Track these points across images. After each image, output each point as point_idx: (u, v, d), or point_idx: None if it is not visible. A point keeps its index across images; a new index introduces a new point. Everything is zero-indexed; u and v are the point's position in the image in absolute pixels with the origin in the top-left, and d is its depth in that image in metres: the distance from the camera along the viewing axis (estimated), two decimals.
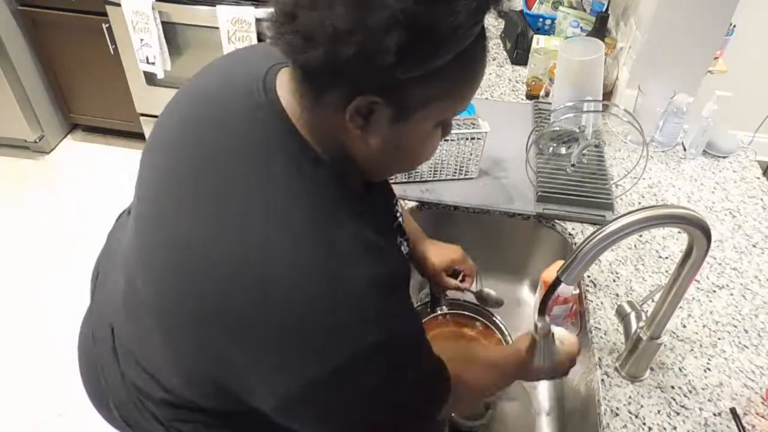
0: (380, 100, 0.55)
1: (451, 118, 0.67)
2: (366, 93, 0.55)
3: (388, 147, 0.61)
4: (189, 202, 0.62)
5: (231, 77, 0.68)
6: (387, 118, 0.58)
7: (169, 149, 0.68)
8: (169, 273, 0.62)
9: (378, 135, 0.60)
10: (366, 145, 0.61)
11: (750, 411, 0.91)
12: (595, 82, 1.35)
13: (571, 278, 0.73)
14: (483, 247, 1.35)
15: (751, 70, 2.55)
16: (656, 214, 0.70)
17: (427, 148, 0.66)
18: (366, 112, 0.57)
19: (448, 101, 0.60)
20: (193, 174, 0.63)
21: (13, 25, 2.45)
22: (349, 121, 0.57)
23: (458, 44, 0.54)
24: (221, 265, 0.57)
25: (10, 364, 1.95)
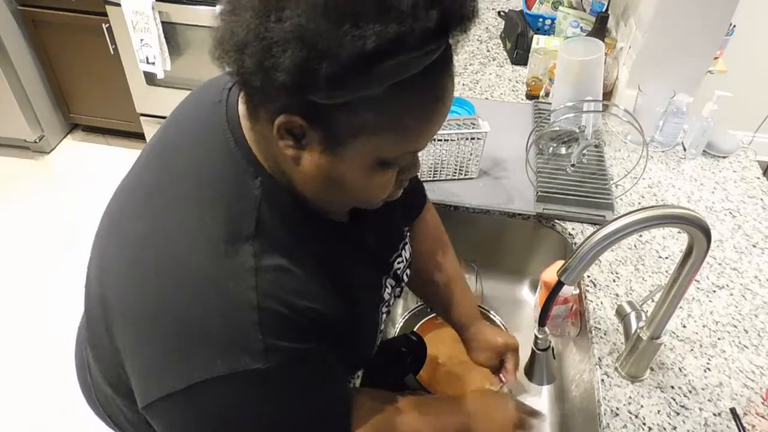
0: (303, 122, 0.52)
1: (410, 157, 0.61)
2: (286, 112, 0.52)
3: (323, 176, 0.57)
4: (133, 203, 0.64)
5: (207, 89, 0.68)
6: (318, 143, 0.54)
7: (139, 162, 0.69)
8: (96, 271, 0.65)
9: (310, 160, 0.55)
10: (301, 168, 0.57)
11: (750, 411, 0.91)
12: (595, 82, 1.35)
13: (571, 278, 0.73)
14: (483, 247, 1.35)
15: (751, 70, 2.55)
16: (656, 214, 0.70)
17: (373, 187, 0.60)
18: (298, 133, 0.53)
19: (389, 136, 0.54)
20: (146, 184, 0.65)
21: (13, 25, 2.45)
22: (279, 138, 0.54)
23: (385, 75, 0.48)
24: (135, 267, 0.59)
25: (10, 364, 1.95)
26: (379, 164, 0.57)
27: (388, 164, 0.58)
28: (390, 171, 0.59)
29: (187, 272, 0.56)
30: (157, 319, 0.56)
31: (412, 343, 1.03)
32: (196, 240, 0.57)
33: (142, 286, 0.58)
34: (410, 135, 0.56)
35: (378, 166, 0.57)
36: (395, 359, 1.01)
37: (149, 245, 0.59)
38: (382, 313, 0.81)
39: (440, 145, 1.26)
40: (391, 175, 0.60)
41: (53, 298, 2.15)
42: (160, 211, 0.60)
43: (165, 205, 0.60)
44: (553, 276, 1.01)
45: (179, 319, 0.55)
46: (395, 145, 0.55)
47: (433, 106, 0.55)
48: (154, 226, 0.59)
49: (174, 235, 0.58)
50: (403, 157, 0.59)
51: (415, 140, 0.57)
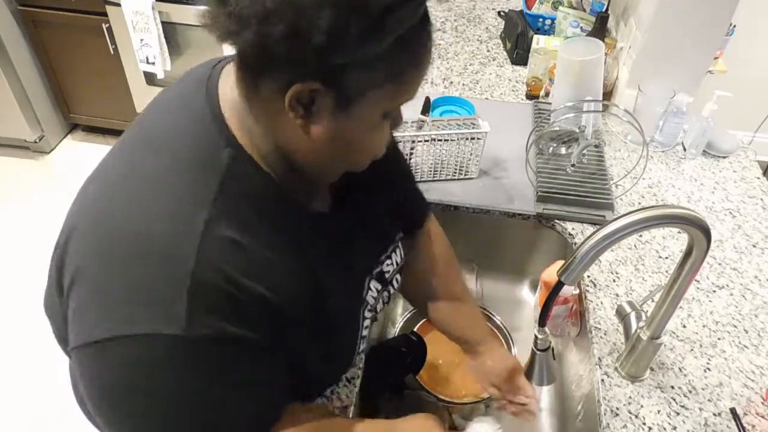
0: (319, 86, 0.53)
1: (398, 109, 0.64)
2: (303, 79, 0.53)
3: (333, 139, 0.59)
4: (108, 165, 0.67)
5: (190, 74, 0.69)
6: (329, 107, 0.56)
7: (124, 134, 0.71)
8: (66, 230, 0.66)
9: (321, 125, 0.57)
10: (309, 137, 0.58)
11: (750, 411, 0.91)
12: (595, 82, 1.35)
13: (571, 278, 0.73)
14: (483, 247, 1.35)
15: (751, 70, 2.55)
16: (656, 214, 0.70)
17: (375, 142, 0.63)
18: (307, 101, 0.55)
19: (392, 89, 0.58)
20: (122, 154, 0.67)
21: (13, 25, 2.45)
22: (289, 109, 0.55)
23: (397, 27, 0.52)
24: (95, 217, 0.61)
25: (11, 364, 1.95)
26: (381, 119, 0.60)
27: (387, 116, 0.61)
28: (387, 123, 0.63)
29: (139, 227, 0.56)
30: (101, 269, 0.57)
31: (412, 343, 1.03)
32: (156, 197, 0.58)
33: (97, 235, 0.59)
34: (408, 84, 0.59)
35: (381, 120, 0.60)
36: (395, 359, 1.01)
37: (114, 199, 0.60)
38: (364, 317, 0.79)
39: (440, 145, 1.26)
40: (388, 127, 0.64)
41: None
42: (129, 169, 0.62)
43: (134, 163, 0.62)
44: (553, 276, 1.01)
45: (119, 273, 0.55)
46: (396, 97, 0.59)
47: (425, 55, 0.59)
48: (121, 183, 0.61)
49: (138, 189, 0.59)
50: (397, 109, 0.63)
51: (412, 89, 0.61)
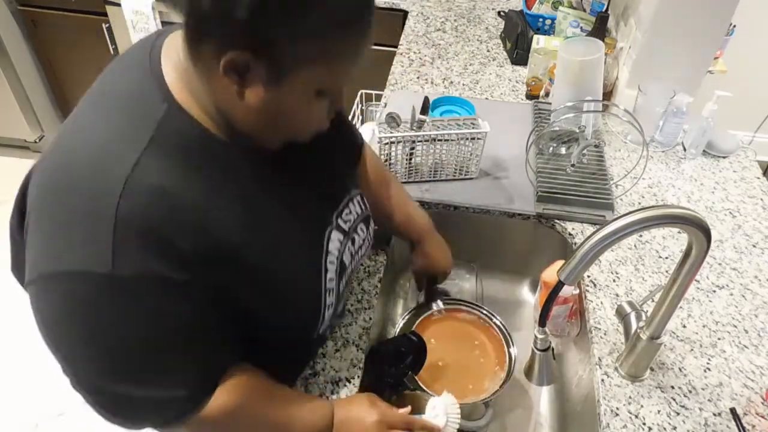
0: (249, 56, 0.55)
1: (340, 89, 0.66)
2: (235, 48, 0.55)
3: (267, 109, 0.61)
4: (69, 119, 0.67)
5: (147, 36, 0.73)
6: (262, 77, 0.57)
7: None
8: None
9: (254, 94, 0.59)
10: (244, 105, 0.60)
11: (750, 411, 0.91)
12: (595, 82, 1.35)
13: (571, 278, 0.73)
14: (483, 247, 1.35)
15: (751, 70, 2.55)
16: (656, 214, 0.70)
17: (311, 117, 0.65)
18: (241, 69, 0.57)
19: (325, 67, 0.59)
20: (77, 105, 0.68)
21: (13, 25, 2.45)
22: (224, 75, 0.57)
23: (326, 5, 0.54)
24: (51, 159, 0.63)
25: (11, 364, 1.95)
26: (317, 94, 0.62)
27: (323, 94, 0.62)
28: (324, 101, 0.64)
29: (74, 161, 0.59)
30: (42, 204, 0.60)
31: (412, 343, 1.03)
32: (92, 137, 0.61)
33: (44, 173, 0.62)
34: (344, 63, 0.61)
35: (316, 95, 0.62)
36: (395, 359, 1.01)
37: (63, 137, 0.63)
38: (326, 269, 0.79)
39: (440, 145, 1.26)
40: (326, 104, 0.65)
41: None
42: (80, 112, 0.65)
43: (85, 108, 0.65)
44: (553, 276, 1.01)
45: (56, 208, 0.59)
46: (331, 74, 0.61)
47: (364, 38, 0.61)
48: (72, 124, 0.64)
49: (80, 128, 0.63)
50: (335, 87, 0.64)
51: (347, 69, 0.62)
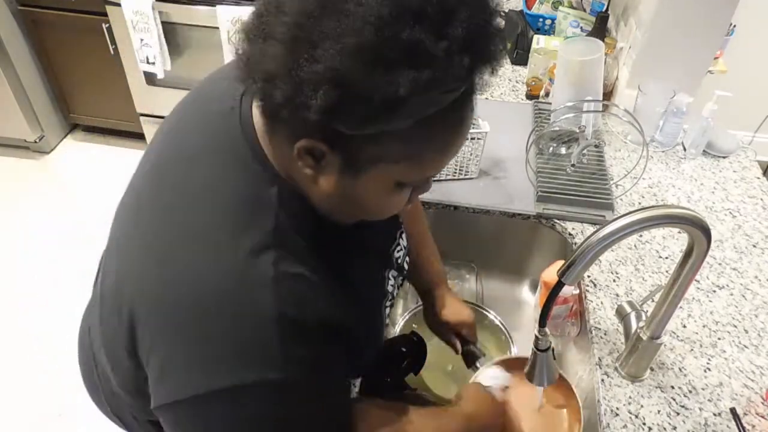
0: (325, 147, 0.53)
1: (421, 181, 0.62)
2: (310, 136, 0.52)
3: (341, 195, 0.58)
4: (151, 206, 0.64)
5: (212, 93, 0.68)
6: (337, 166, 0.55)
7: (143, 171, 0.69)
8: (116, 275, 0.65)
9: (329, 180, 0.57)
10: (317, 186, 0.58)
11: (750, 411, 0.91)
12: (595, 82, 1.35)
13: (571, 278, 0.73)
14: (483, 247, 1.35)
15: (751, 70, 2.55)
16: (656, 214, 0.70)
17: (388, 205, 0.62)
18: (317, 155, 0.54)
19: (407, 165, 0.56)
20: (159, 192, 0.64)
21: (13, 25, 2.45)
22: (298, 159, 0.55)
23: (412, 113, 0.50)
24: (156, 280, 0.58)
25: (10, 364, 1.95)
26: (397, 186, 0.59)
27: (404, 185, 0.60)
28: (405, 191, 0.61)
29: (208, 286, 0.56)
30: (179, 330, 0.56)
31: (412, 343, 1.03)
32: (217, 252, 0.57)
33: (165, 300, 0.58)
34: (430, 163, 0.58)
35: (395, 187, 0.59)
36: (395, 359, 1.01)
37: (171, 259, 0.58)
38: (385, 308, 0.82)
39: None
40: (406, 194, 0.62)
41: (53, 297, 2.15)
42: (178, 224, 0.60)
43: (183, 217, 0.60)
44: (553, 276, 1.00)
45: (199, 330, 0.55)
46: (414, 172, 0.57)
47: (454, 138, 0.57)
48: (173, 241, 0.59)
49: (194, 248, 0.58)
50: (418, 181, 0.61)
51: (433, 167, 0.59)
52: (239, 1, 2.15)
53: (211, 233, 0.58)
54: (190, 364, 0.56)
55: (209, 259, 0.57)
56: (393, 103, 0.48)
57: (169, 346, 0.57)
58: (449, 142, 0.57)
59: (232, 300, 0.55)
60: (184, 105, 0.72)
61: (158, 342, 0.58)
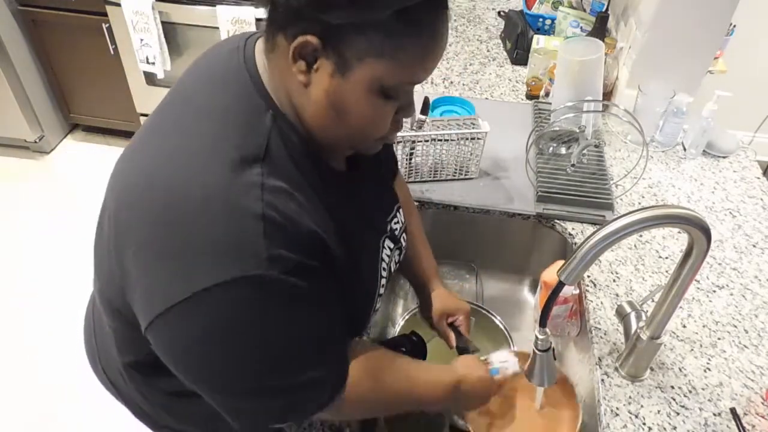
0: (317, 41, 0.56)
1: (407, 93, 0.66)
2: (304, 33, 0.56)
3: (331, 102, 0.61)
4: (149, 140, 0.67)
5: (217, 49, 0.72)
6: (328, 68, 0.59)
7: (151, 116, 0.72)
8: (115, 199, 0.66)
9: (320, 85, 0.60)
10: (309, 96, 0.61)
11: (750, 411, 0.91)
12: (595, 82, 1.35)
13: (571, 278, 0.73)
14: (483, 247, 1.35)
15: (751, 70, 2.55)
16: (656, 214, 0.70)
17: (375, 119, 0.64)
18: (310, 58, 0.58)
19: (388, 62, 0.59)
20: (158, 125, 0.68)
21: (13, 25, 2.45)
22: (293, 61, 0.59)
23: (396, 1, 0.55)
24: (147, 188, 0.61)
25: (10, 364, 1.95)
26: (380, 92, 0.61)
27: (388, 96, 0.62)
28: (389, 104, 0.64)
29: (196, 188, 0.58)
30: (164, 235, 0.58)
31: (412, 343, 1.03)
32: (208, 161, 0.60)
33: (153, 205, 0.60)
34: (410, 64, 0.60)
35: (379, 94, 0.61)
36: None
37: (164, 168, 0.61)
38: (381, 275, 0.82)
39: (440, 145, 1.26)
40: (390, 109, 0.65)
41: (53, 297, 2.15)
42: (177, 140, 0.63)
43: (182, 134, 0.63)
44: (553, 276, 1.01)
45: (184, 231, 0.57)
46: (396, 73, 0.60)
47: (431, 39, 0.60)
48: (170, 153, 0.62)
49: (187, 158, 0.61)
50: (402, 93, 0.64)
51: (414, 71, 0.62)
52: (239, 1, 2.15)
53: (202, 149, 0.61)
54: (174, 271, 0.57)
55: (198, 168, 0.59)
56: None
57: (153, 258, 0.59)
58: (426, 45, 0.60)
59: (216, 201, 0.57)
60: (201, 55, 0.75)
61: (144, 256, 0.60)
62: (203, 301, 0.56)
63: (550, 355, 0.84)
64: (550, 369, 0.85)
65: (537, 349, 0.83)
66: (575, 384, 0.96)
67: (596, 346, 1.00)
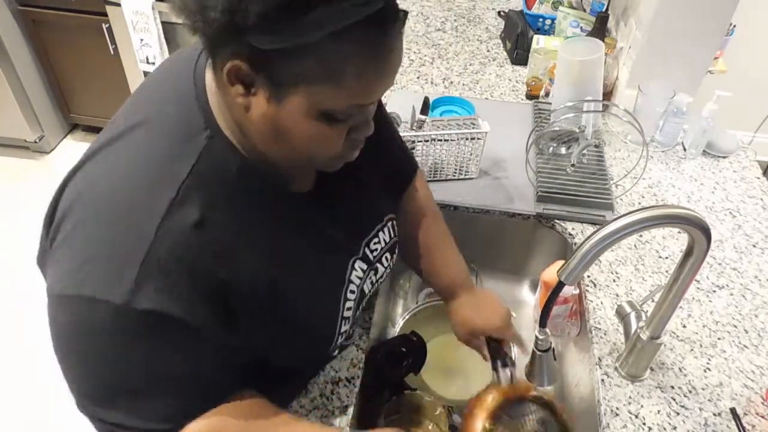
0: (247, 67, 0.53)
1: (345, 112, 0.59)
2: (237, 58, 0.53)
3: (270, 126, 0.58)
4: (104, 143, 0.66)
5: (181, 54, 0.72)
6: (265, 93, 0.56)
7: (121, 108, 0.72)
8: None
9: (258, 109, 0.57)
10: (250, 119, 0.59)
11: (750, 411, 0.91)
12: (595, 82, 1.35)
13: (571, 278, 0.73)
14: (483, 247, 1.35)
15: (751, 70, 2.55)
16: (656, 214, 0.70)
17: (318, 141, 0.60)
18: (247, 81, 0.55)
19: (329, 88, 0.55)
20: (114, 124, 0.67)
21: (13, 25, 2.45)
22: (229, 85, 0.56)
23: (321, 23, 0.50)
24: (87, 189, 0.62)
25: (10, 364, 1.95)
26: (323, 116, 0.57)
27: (333, 118, 0.58)
28: (337, 127, 0.60)
29: (114, 192, 0.59)
30: (76, 225, 0.60)
31: (412, 343, 1.03)
32: (135, 167, 0.60)
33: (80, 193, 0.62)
34: (351, 87, 0.55)
35: (322, 118, 0.57)
36: (395, 359, 1.01)
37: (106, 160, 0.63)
38: (347, 298, 0.79)
39: (440, 145, 1.26)
40: (339, 131, 0.60)
41: None
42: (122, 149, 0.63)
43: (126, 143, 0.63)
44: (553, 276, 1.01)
45: (86, 231, 0.59)
46: (336, 97, 0.56)
47: (374, 61, 0.55)
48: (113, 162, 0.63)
49: (123, 156, 0.62)
50: (352, 113, 0.60)
51: (357, 93, 0.57)
52: None
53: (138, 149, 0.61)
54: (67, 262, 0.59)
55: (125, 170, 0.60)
56: (295, 10, 0.49)
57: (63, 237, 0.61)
58: (369, 66, 0.55)
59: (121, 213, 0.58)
60: (161, 64, 0.75)
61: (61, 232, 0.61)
62: (66, 303, 0.59)
63: (550, 356, 0.84)
64: (550, 369, 0.85)
65: (537, 350, 0.83)
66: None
67: (596, 346, 1.00)
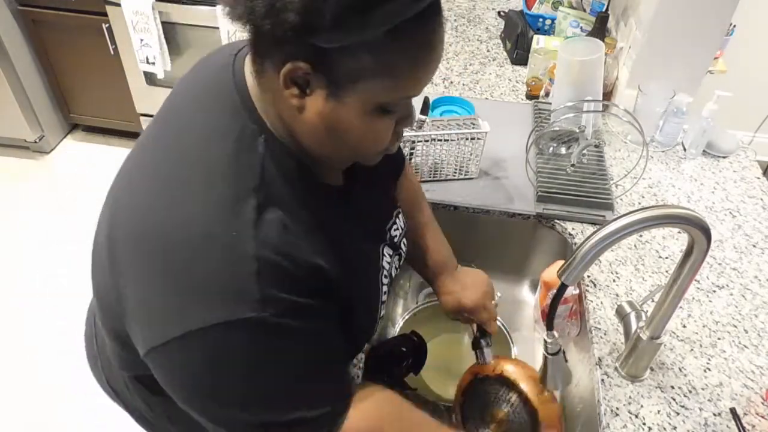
0: (307, 67, 0.55)
1: (406, 105, 0.64)
2: (294, 59, 0.55)
3: (328, 124, 0.60)
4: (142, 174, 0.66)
5: (209, 62, 0.72)
6: (322, 92, 0.57)
7: (148, 130, 0.72)
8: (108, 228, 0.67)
9: (314, 108, 0.59)
10: (304, 120, 0.60)
11: (750, 411, 0.91)
12: (595, 82, 1.35)
13: (572, 278, 0.73)
14: (483, 247, 1.35)
15: (751, 70, 2.55)
16: (656, 214, 0.70)
17: (375, 136, 0.63)
18: (302, 82, 0.57)
19: (386, 81, 0.58)
20: (153, 149, 0.67)
21: (13, 25, 2.45)
22: (284, 87, 0.57)
23: (382, 20, 0.53)
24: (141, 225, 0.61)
25: (10, 364, 1.95)
26: (378, 110, 0.60)
27: (386, 111, 0.61)
28: (388, 118, 0.62)
29: (194, 231, 0.58)
30: (163, 274, 0.59)
31: (412, 343, 1.03)
32: (204, 198, 0.59)
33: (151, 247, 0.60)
34: (405, 80, 0.59)
35: (377, 112, 0.60)
36: (395, 359, 1.01)
37: (158, 206, 0.61)
38: (383, 284, 0.81)
39: (440, 145, 1.26)
40: (389, 123, 0.63)
41: (53, 297, 2.15)
42: (169, 172, 0.63)
43: (175, 164, 0.63)
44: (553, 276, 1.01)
45: (182, 271, 0.58)
46: (392, 90, 0.59)
47: (425, 52, 0.59)
48: (162, 188, 0.62)
49: (181, 194, 0.60)
50: (400, 105, 0.63)
51: (410, 85, 0.60)
52: None
53: (196, 186, 0.60)
54: (171, 308, 0.58)
55: (193, 210, 0.59)
56: (362, 8, 0.51)
57: (151, 294, 0.60)
58: (421, 56, 0.59)
59: (212, 243, 0.57)
60: (191, 69, 0.75)
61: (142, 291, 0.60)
62: (196, 339, 0.57)
63: (561, 358, 0.83)
64: (562, 372, 0.84)
65: (547, 353, 0.83)
66: None
67: (596, 346, 1.00)
